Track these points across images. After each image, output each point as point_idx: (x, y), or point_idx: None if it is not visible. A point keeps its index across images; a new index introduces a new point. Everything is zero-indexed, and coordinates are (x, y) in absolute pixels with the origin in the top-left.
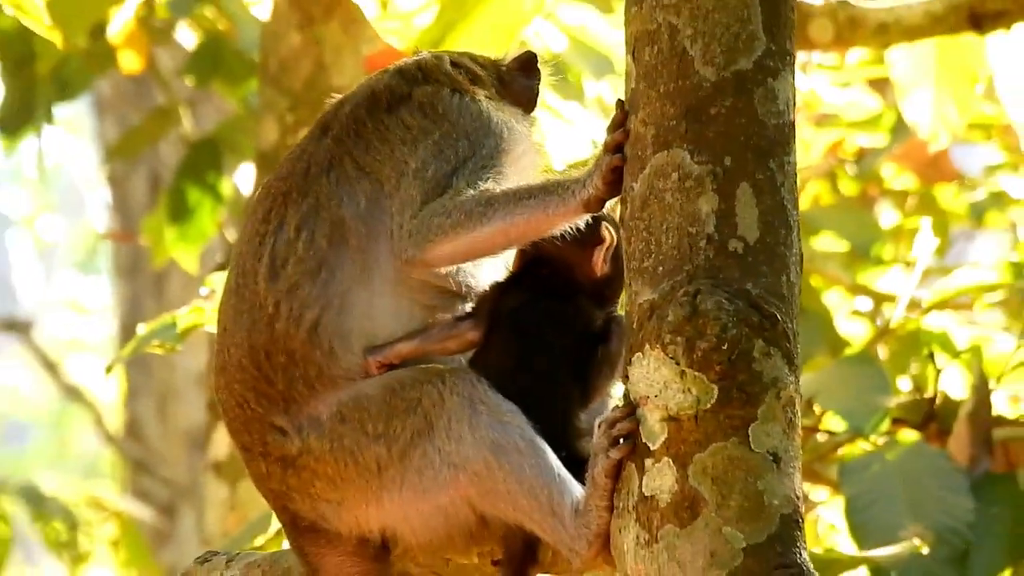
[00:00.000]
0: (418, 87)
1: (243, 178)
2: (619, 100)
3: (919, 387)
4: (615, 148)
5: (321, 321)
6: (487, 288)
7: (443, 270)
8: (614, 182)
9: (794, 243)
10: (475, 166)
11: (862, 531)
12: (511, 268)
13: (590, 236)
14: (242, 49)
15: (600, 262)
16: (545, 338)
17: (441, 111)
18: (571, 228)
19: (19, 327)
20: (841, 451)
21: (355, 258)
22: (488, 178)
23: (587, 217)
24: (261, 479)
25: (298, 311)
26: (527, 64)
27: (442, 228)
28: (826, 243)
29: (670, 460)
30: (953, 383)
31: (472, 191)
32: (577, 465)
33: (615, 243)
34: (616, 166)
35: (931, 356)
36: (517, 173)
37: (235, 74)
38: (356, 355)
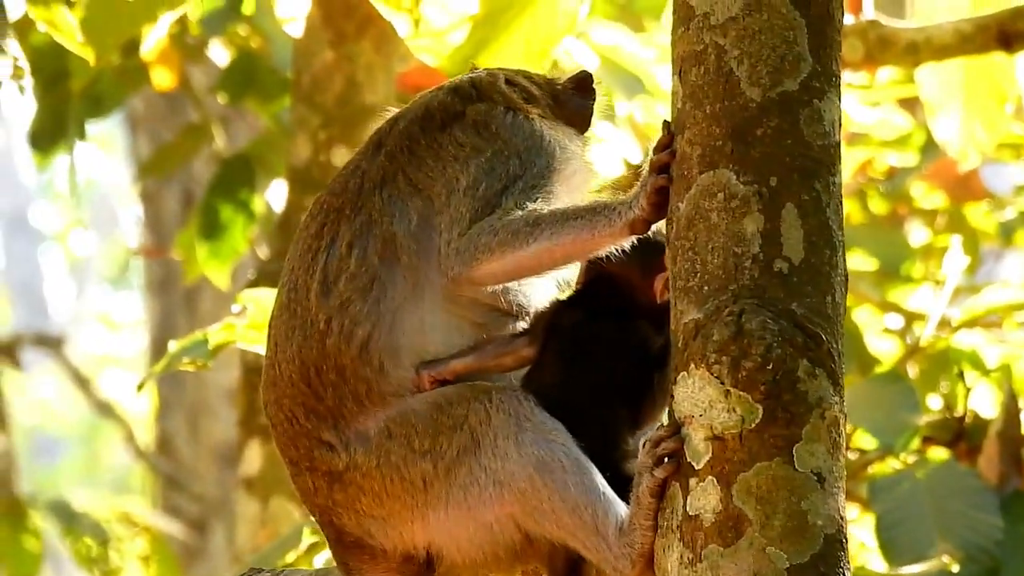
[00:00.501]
0: (472, 105)
1: (275, 195)
2: (665, 121)
3: (949, 405)
4: (660, 169)
5: (372, 338)
6: (546, 305)
7: (490, 288)
8: (659, 204)
9: (839, 263)
10: (525, 185)
11: (892, 549)
12: (574, 285)
13: (654, 263)
14: (275, 66)
15: (662, 290)
16: (599, 358)
17: (494, 129)
18: (635, 253)
19: (51, 342)
20: (871, 469)
21: (406, 275)
22: (538, 198)
23: (633, 239)
24: (307, 494)
25: (349, 328)
26: (582, 84)
27: (488, 247)
28: (856, 261)
29: (714, 479)
30: (983, 401)
31: (520, 211)
32: (623, 485)
33: None
34: (661, 187)
35: (961, 374)
36: (568, 192)
37: (268, 91)
38: (406, 371)
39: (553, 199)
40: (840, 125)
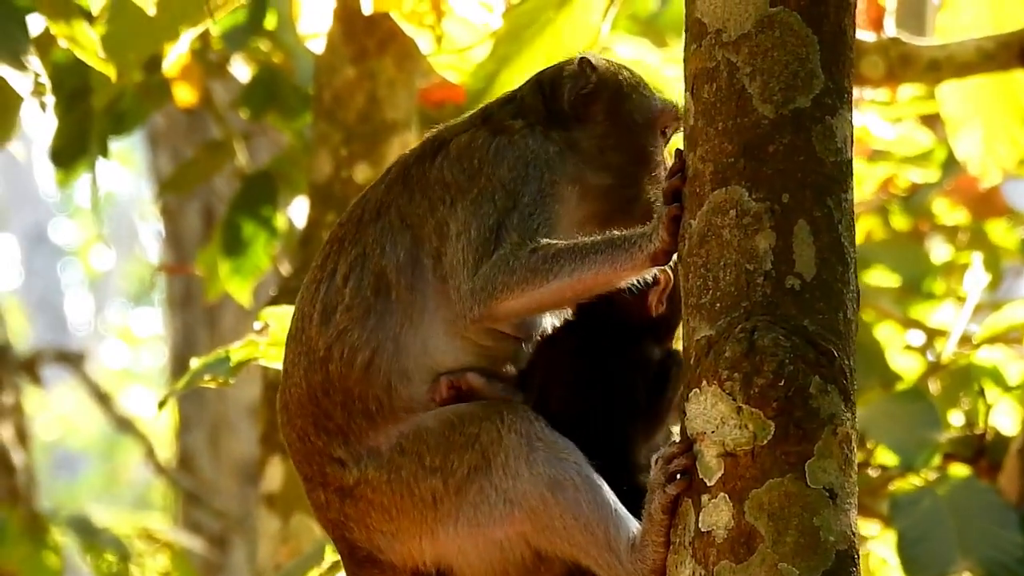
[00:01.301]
0: (456, 136)
1: (297, 212)
2: (677, 149)
3: (970, 422)
4: (673, 196)
5: (374, 362)
6: (542, 336)
7: (509, 324)
8: (678, 232)
9: (851, 280)
10: (521, 216)
11: (913, 566)
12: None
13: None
14: (297, 82)
15: (655, 303)
16: (604, 373)
17: (476, 164)
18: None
19: (71, 358)
20: (892, 486)
21: (401, 307)
22: (537, 225)
23: (655, 270)
24: (320, 509)
25: (350, 354)
26: (579, 72)
27: (507, 286)
28: (878, 278)
29: (726, 496)
30: (1004, 418)
31: (529, 243)
32: (637, 499)
33: (670, 284)
34: (676, 215)
35: (981, 391)
36: (566, 206)
37: (290, 107)
38: (417, 388)
39: (554, 222)
40: (852, 142)
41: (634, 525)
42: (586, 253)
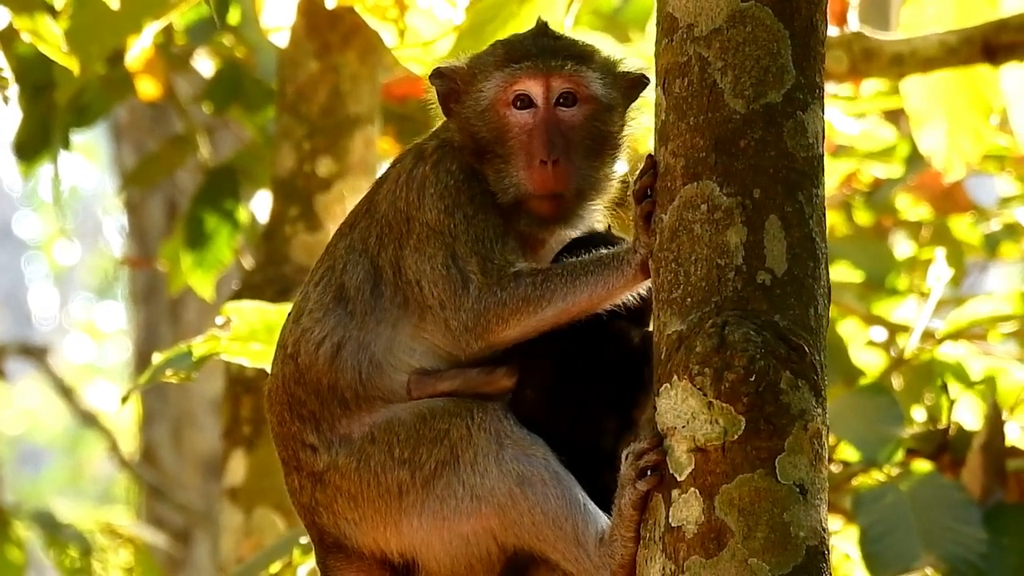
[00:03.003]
0: (399, 161)
1: (260, 206)
2: (649, 155)
3: (933, 417)
4: (643, 195)
5: (339, 354)
6: None
7: None
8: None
9: (822, 275)
10: (466, 241)
11: (876, 561)
12: None
13: None
14: (260, 77)
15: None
16: (581, 361)
17: (405, 206)
18: None
19: (35, 352)
20: (855, 481)
21: (359, 316)
22: (489, 244)
23: (648, 283)
24: (294, 493)
25: (313, 346)
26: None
27: (501, 318)
28: (841, 273)
29: (697, 491)
30: (967, 413)
31: (498, 264)
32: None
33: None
34: (648, 211)
35: (944, 387)
36: (498, 206)
37: (253, 101)
38: (392, 378)
39: (502, 229)
40: (824, 137)
41: (603, 520)
42: (576, 276)
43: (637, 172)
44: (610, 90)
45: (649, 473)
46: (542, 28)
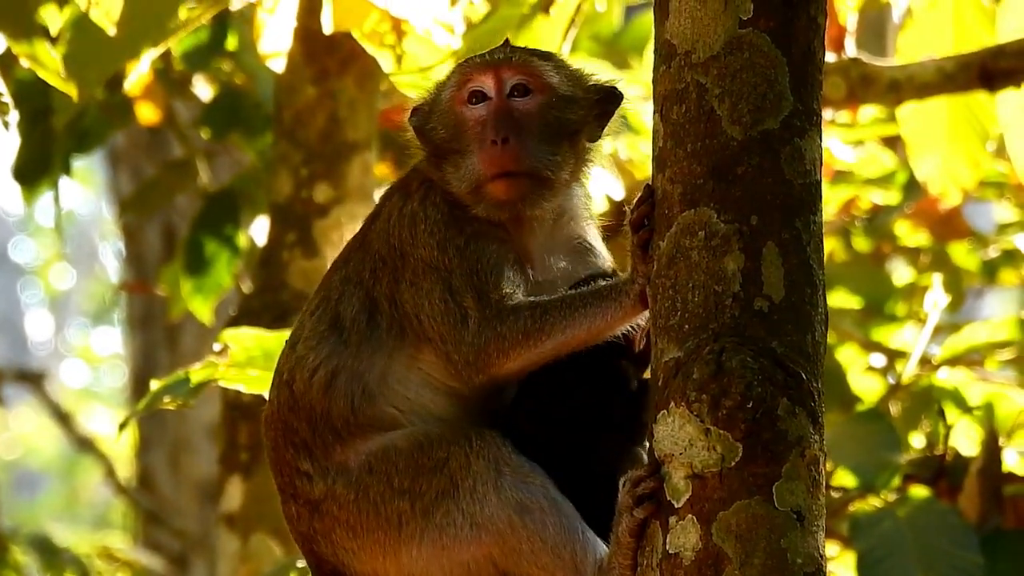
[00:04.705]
0: (388, 197)
1: (259, 231)
2: (647, 184)
3: (930, 443)
4: (640, 224)
5: (333, 383)
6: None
7: None
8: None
9: (819, 302)
10: (461, 275)
11: None
12: None
13: None
14: (258, 102)
15: (640, 339)
16: (581, 396)
17: (399, 243)
18: None
19: (31, 377)
20: (852, 507)
21: (353, 345)
22: (484, 276)
23: (646, 313)
24: (291, 521)
25: (308, 374)
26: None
27: (501, 351)
28: (840, 299)
29: (694, 518)
30: (964, 439)
31: (495, 298)
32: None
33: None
34: (645, 239)
35: (942, 413)
36: (498, 247)
37: (251, 127)
38: (383, 408)
39: (496, 257)
40: (821, 163)
41: (601, 547)
42: (575, 308)
43: (635, 201)
44: (567, 82)
45: (646, 500)
46: (504, 43)
